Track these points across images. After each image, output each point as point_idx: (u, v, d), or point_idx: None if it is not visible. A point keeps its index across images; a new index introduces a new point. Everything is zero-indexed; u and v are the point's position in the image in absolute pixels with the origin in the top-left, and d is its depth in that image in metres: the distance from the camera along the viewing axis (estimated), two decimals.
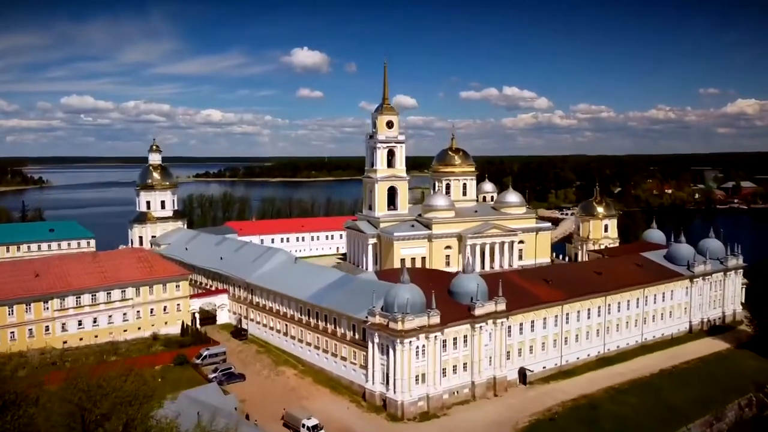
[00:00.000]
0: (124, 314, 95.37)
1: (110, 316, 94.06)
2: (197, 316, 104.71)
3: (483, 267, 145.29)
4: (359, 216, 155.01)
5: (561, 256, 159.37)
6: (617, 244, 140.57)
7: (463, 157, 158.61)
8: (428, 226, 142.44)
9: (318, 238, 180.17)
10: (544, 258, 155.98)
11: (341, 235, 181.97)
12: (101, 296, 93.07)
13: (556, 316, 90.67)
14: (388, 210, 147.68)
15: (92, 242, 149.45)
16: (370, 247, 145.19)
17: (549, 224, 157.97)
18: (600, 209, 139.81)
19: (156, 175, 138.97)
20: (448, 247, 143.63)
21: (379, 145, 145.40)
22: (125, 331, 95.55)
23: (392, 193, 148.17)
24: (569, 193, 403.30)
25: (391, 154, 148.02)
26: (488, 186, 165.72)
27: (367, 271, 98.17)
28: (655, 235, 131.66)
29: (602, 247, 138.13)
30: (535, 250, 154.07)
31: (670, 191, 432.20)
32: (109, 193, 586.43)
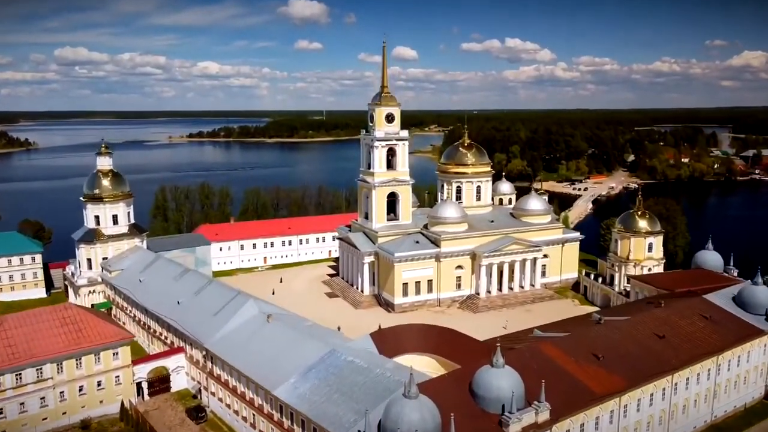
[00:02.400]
0: (42, 398, 72.79)
1: (22, 404, 71.48)
2: (144, 385, 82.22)
3: (500, 288, 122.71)
4: (354, 225, 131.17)
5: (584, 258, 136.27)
6: (661, 266, 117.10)
7: (477, 155, 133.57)
8: (436, 243, 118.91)
9: (307, 241, 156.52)
10: (571, 273, 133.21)
11: (333, 237, 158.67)
12: (7, 380, 70.28)
13: (612, 412, 68.07)
14: (388, 220, 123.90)
15: (38, 257, 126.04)
16: (366, 267, 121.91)
17: (577, 234, 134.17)
18: (643, 224, 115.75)
19: (106, 183, 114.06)
20: (459, 267, 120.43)
21: (376, 143, 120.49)
22: (45, 419, 73.17)
23: (393, 199, 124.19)
24: (581, 164, 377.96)
25: (391, 153, 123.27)
26: (505, 186, 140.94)
27: (362, 339, 75.05)
28: (711, 259, 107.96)
29: (645, 270, 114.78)
30: (560, 264, 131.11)
31: (686, 160, 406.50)
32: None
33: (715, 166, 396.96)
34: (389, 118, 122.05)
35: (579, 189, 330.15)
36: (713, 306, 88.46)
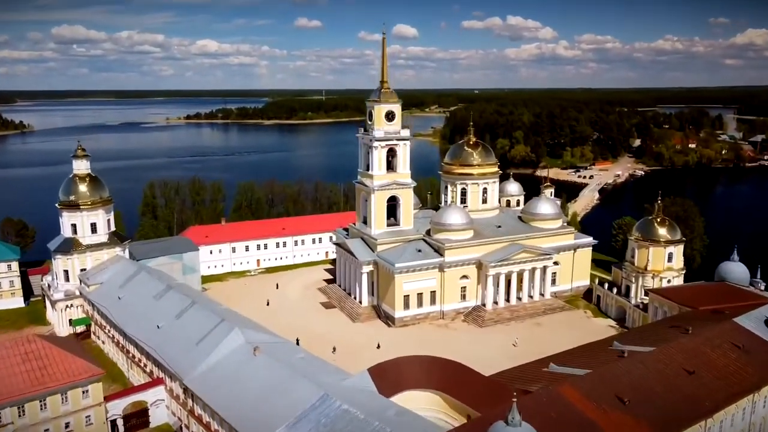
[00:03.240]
0: None
1: None
2: (120, 422, 74.64)
3: (508, 299, 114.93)
4: (351, 229, 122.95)
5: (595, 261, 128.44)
6: (681, 278, 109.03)
7: (484, 154, 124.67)
8: (440, 252, 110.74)
9: (303, 242, 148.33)
10: (583, 280, 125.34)
11: (331, 237, 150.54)
12: None
13: None
14: (388, 225, 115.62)
15: (14, 265, 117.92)
16: (364, 276, 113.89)
17: (589, 239, 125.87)
18: (663, 231, 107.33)
19: (83, 189, 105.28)
20: (464, 277, 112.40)
21: (375, 143, 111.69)
22: None
23: (393, 203, 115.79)
24: (586, 150, 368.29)
25: (391, 153, 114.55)
26: (513, 187, 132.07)
27: (359, 377, 67.18)
28: (736, 270, 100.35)
29: (665, 282, 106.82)
30: (572, 272, 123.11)
31: (694, 145, 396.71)
32: (92, 141, 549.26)
33: (723, 152, 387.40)
34: (389, 116, 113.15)
35: (584, 177, 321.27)
36: (745, 332, 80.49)
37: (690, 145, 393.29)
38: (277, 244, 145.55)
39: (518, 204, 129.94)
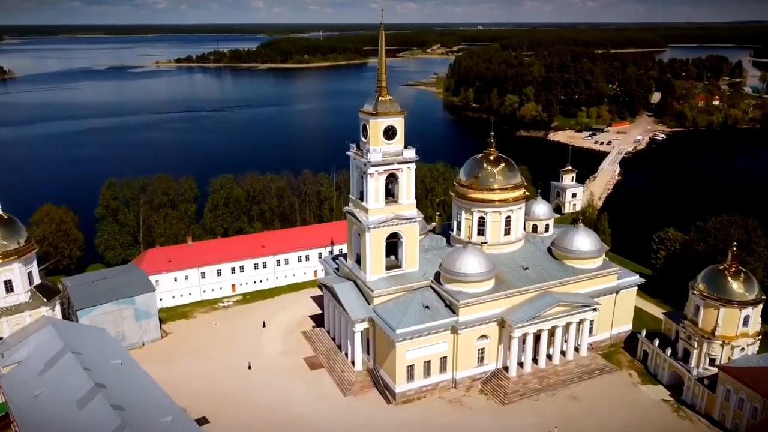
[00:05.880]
0: None
1: None
2: None
3: (535, 358, 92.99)
4: (341, 266, 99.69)
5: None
6: (757, 344, 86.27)
7: (507, 172, 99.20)
8: (452, 309, 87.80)
9: (287, 261, 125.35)
10: (624, 326, 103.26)
11: (320, 254, 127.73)
12: None
13: None
14: (388, 268, 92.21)
15: None
16: (357, 336, 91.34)
17: (635, 278, 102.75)
18: (737, 287, 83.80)
19: None
20: (483, 336, 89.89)
21: (371, 169, 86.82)
22: None
23: (394, 241, 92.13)
24: (602, 110, 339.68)
25: (392, 178, 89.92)
26: (541, 208, 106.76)
27: None
28: None
29: (737, 351, 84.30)
30: (612, 317, 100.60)
31: (717, 102, 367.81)
32: (75, 92, 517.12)
33: (750, 110, 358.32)
34: (389, 134, 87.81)
35: (601, 143, 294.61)
36: None
37: (714, 102, 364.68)
38: (256, 266, 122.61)
39: (547, 229, 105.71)
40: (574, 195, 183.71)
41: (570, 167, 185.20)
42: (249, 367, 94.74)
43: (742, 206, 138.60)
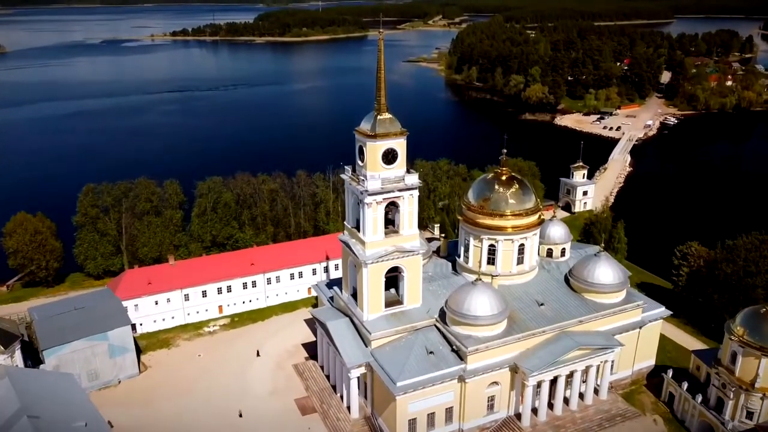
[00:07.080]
0: None
1: None
2: None
3: (551, 404, 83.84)
4: (336, 298, 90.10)
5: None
6: None
7: (519, 196, 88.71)
8: (460, 355, 78.41)
9: (278, 279, 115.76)
10: (647, 361, 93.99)
11: (314, 270, 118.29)
12: None
13: None
14: (388, 305, 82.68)
15: None
16: (353, 383, 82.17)
17: (660, 310, 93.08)
18: None
19: None
20: (494, 383, 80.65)
21: (369, 198, 76.58)
22: None
23: (394, 276, 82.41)
24: (611, 92, 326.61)
25: (392, 206, 79.78)
26: (557, 231, 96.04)
27: None
28: None
29: None
30: (635, 353, 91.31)
31: (730, 83, 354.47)
32: (66, 69, 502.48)
33: (765, 91, 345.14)
34: (389, 157, 77.39)
35: (611, 128, 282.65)
36: None
37: (727, 83, 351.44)
38: (245, 285, 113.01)
39: (563, 254, 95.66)
40: (585, 193, 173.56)
41: (581, 163, 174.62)
42: (240, 416, 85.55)
43: None
